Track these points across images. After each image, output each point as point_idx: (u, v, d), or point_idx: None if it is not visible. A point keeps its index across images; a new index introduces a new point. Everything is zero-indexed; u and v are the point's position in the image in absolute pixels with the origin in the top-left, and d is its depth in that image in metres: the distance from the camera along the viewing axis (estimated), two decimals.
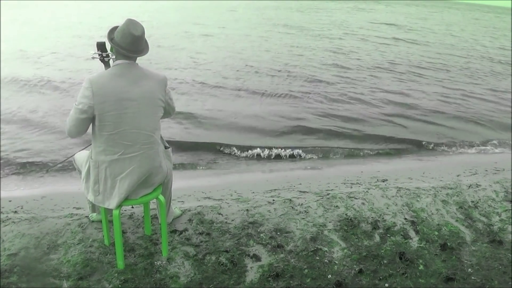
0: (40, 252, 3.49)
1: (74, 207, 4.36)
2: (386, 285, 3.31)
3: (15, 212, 4.22)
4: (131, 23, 2.91)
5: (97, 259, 3.43)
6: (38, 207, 4.40)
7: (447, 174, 5.70)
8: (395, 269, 3.49)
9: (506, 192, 4.95)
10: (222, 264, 3.43)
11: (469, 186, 5.10)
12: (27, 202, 4.53)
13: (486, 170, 5.93)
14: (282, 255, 3.59)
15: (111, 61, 3.16)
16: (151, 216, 3.84)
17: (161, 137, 3.32)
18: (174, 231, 3.83)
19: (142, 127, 2.98)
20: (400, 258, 3.61)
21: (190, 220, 4.03)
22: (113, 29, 3.00)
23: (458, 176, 5.64)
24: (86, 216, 4.02)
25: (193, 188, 5.06)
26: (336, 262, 3.55)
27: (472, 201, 4.69)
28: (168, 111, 3.28)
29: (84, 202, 4.31)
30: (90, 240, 3.66)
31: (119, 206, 3.09)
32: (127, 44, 2.90)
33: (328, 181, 5.33)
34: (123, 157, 2.99)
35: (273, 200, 4.55)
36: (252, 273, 3.37)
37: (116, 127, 2.89)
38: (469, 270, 3.53)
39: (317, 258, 3.58)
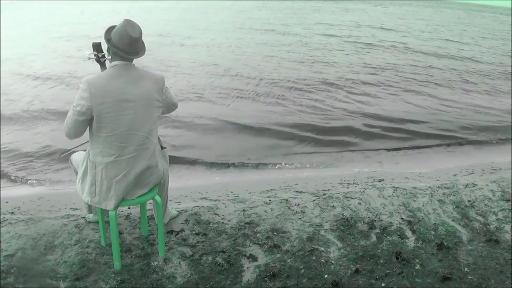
0: (37, 253, 3.49)
1: (71, 208, 4.36)
2: (383, 284, 3.32)
3: (12, 213, 4.22)
4: (128, 24, 2.91)
5: (93, 259, 3.43)
6: (35, 208, 4.39)
7: (443, 174, 5.71)
8: (392, 268, 3.49)
9: (503, 192, 4.96)
10: (218, 265, 3.43)
11: (466, 186, 5.11)
12: (24, 203, 4.53)
13: (483, 170, 5.94)
14: (278, 255, 3.59)
15: (107, 62, 3.16)
16: (147, 217, 3.84)
17: (158, 137, 3.32)
18: (171, 232, 3.83)
19: (138, 128, 2.98)
20: (397, 258, 3.62)
21: (186, 221, 4.04)
22: (110, 29, 2.99)
23: (454, 175, 5.65)
24: (83, 217, 4.02)
25: (190, 189, 5.06)
26: (333, 262, 3.55)
27: (469, 201, 4.70)
28: (169, 108, 3.31)
29: (80, 203, 4.32)
30: (87, 240, 3.66)
31: (116, 207, 3.09)
32: (124, 45, 2.90)
33: (325, 181, 5.33)
34: (118, 159, 2.99)
35: (270, 200, 4.56)
36: (249, 273, 3.37)
37: (113, 129, 2.89)
38: (466, 269, 3.54)
39: (314, 258, 3.59)
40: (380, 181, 5.31)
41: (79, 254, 3.49)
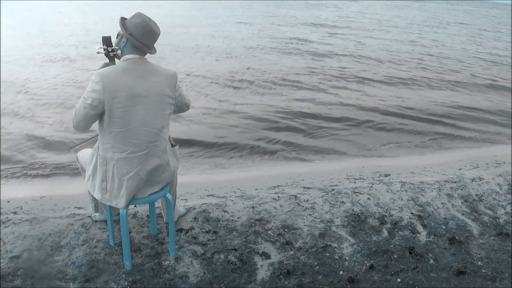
0: (43, 254, 3.39)
1: (75, 207, 4.26)
2: (398, 280, 3.28)
3: (15, 213, 4.12)
4: (149, 20, 2.88)
5: (103, 260, 3.34)
6: (38, 208, 4.29)
7: (449, 168, 5.68)
8: (406, 264, 3.46)
9: (509, 185, 4.95)
10: (231, 263, 3.36)
11: (472, 180, 5.08)
12: (26, 203, 4.42)
13: (487, 164, 5.92)
14: (291, 252, 3.54)
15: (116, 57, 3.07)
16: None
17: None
18: (180, 230, 3.75)
19: (150, 125, 2.90)
20: (410, 253, 3.59)
21: (195, 219, 3.96)
22: (124, 22, 2.90)
23: (460, 169, 5.62)
24: (89, 216, 3.92)
25: (195, 185, 4.97)
26: (347, 258, 3.50)
27: (477, 195, 4.68)
28: (181, 107, 3.21)
29: (85, 202, 4.21)
30: (95, 240, 3.57)
31: (127, 205, 3.01)
32: (148, 41, 2.88)
33: (331, 177, 5.27)
34: (130, 156, 2.90)
35: (278, 196, 4.49)
36: (263, 271, 3.31)
37: (125, 124, 2.81)
38: (479, 263, 3.52)
39: (327, 254, 3.53)
40: (386, 176, 5.27)
41: (87, 254, 3.39)
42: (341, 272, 3.33)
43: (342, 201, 4.40)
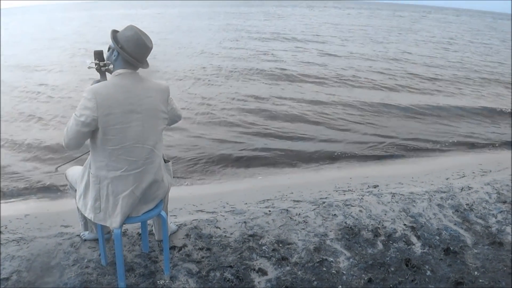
0: (33, 276, 3.27)
1: (61, 225, 4.13)
2: None
3: (0, 232, 3.98)
4: (141, 33, 2.79)
5: (95, 280, 3.23)
6: (23, 227, 4.16)
7: (436, 178, 5.70)
8: (404, 276, 3.43)
9: (498, 193, 4.98)
10: (228, 280, 3.29)
11: (461, 189, 5.10)
12: (11, 221, 4.28)
13: (473, 172, 5.96)
14: (288, 268, 3.48)
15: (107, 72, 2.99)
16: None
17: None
18: (173, 248, 3.67)
19: (145, 141, 2.82)
20: (407, 265, 3.57)
21: (187, 235, 3.88)
22: (116, 35, 2.82)
23: (447, 179, 5.65)
24: (77, 235, 3.81)
25: (182, 201, 4.87)
26: (344, 272, 3.46)
27: (467, 204, 4.69)
28: (173, 120, 3.14)
29: (71, 220, 4.10)
30: (86, 260, 3.46)
31: (122, 224, 2.92)
32: (140, 55, 2.79)
33: (320, 189, 5.24)
34: (126, 174, 2.82)
35: (269, 211, 4.43)
36: (261, 287, 3.24)
37: (120, 142, 2.72)
38: (476, 273, 3.51)
39: (324, 269, 3.48)
40: (375, 187, 5.26)
41: (79, 275, 3.28)
42: (339, 287, 3.28)
43: (334, 214, 4.36)
